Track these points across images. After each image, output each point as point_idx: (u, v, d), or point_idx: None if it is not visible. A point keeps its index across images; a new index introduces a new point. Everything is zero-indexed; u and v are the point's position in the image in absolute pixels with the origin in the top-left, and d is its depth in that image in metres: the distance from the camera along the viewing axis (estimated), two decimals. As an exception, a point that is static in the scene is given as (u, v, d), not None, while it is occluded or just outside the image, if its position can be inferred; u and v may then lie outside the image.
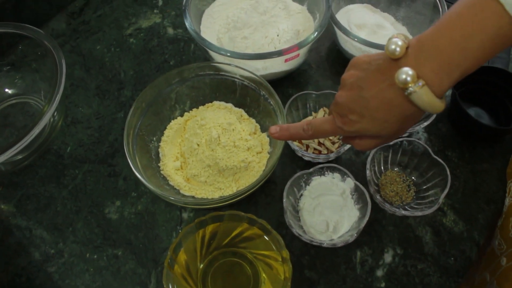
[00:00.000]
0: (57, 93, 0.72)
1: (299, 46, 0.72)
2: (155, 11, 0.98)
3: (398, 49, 0.47)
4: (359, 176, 0.75)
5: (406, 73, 0.46)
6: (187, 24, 0.77)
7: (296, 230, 0.65)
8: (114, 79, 0.88)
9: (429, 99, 0.47)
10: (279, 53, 0.71)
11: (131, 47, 0.92)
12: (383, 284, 0.69)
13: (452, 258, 0.71)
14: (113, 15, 0.97)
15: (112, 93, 0.87)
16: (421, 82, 0.46)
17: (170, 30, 0.95)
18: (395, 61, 0.48)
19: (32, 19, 0.92)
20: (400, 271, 0.70)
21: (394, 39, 0.47)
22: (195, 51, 0.91)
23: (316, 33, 0.74)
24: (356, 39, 0.77)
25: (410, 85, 0.46)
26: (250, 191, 0.65)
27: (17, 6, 0.88)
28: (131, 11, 0.98)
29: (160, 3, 0.99)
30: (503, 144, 0.80)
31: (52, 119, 0.79)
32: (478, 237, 0.73)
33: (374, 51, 0.80)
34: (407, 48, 0.47)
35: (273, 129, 0.62)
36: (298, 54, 0.75)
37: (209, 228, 0.66)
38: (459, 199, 0.75)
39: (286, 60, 0.75)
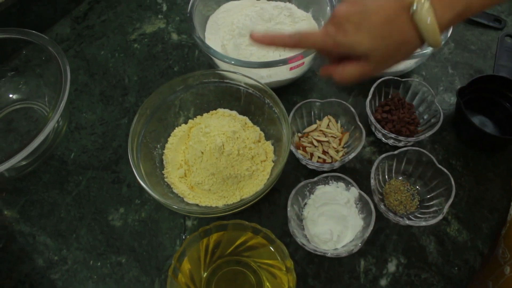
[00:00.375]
0: (61, 100, 0.72)
1: (304, 54, 0.72)
2: (159, 16, 0.98)
3: None
4: (363, 184, 0.75)
5: None
6: (191, 31, 0.77)
7: (300, 240, 0.65)
8: (118, 85, 0.88)
9: (431, 22, 0.48)
10: (284, 62, 0.71)
11: (135, 53, 0.92)
12: (386, 294, 0.69)
13: (456, 268, 0.71)
14: (118, 20, 0.97)
15: (116, 99, 0.87)
16: (428, 1, 0.48)
17: (175, 36, 0.95)
18: None
19: (37, 24, 0.92)
20: (404, 281, 0.70)
21: None
22: (199, 57, 0.91)
23: (321, 41, 0.74)
24: (361, 47, 0.77)
25: (417, 1, 0.48)
26: (255, 201, 0.65)
27: (22, 11, 0.88)
28: (136, 16, 0.98)
29: (165, 8, 0.99)
30: (507, 152, 0.80)
31: (56, 125, 0.79)
32: (482, 247, 0.73)
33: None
34: None
35: (255, 32, 0.58)
36: (303, 62, 0.75)
37: (213, 237, 0.66)
38: (463, 208, 0.75)
39: (291, 68, 0.75)
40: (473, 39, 0.94)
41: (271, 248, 0.65)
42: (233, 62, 0.73)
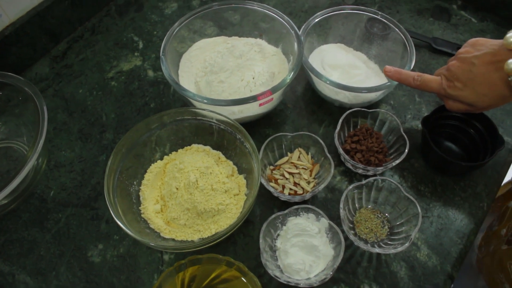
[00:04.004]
0: (39, 138, 0.75)
1: (272, 91, 0.75)
2: (135, 54, 1.01)
3: None
4: (335, 214, 0.77)
5: None
6: (165, 73, 0.79)
7: (272, 272, 0.67)
8: (96, 123, 0.91)
9: None
10: (253, 98, 0.74)
11: (113, 90, 0.95)
12: (359, 321, 0.70)
13: (427, 292, 0.73)
14: (95, 58, 1.00)
15: (95, 136, 0.89)
16: None
17: (151, 73, 0.98)
18: (509, 51, 0.60)
19: (17, 64, 0.95)
20: (376, 307, 0.72)
21: None
22: (174, 93, 0.94)
23: (288, 78, 0.77)
24: (328, 82, 0.80)
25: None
26: (228, 234, 0.67)
27: (1, 52, 0.91)
28: (113, 54, 1.01)
29: (141, 46, 1.02)
30: (474, 177, 0.83)
31: (35, 163, 0.81)
32: (451, 271, 0.75)
33: (347, 92, 0.83)
34: None
35: (388, 68, 0.78)
36: (272, 98, 0.78)
37: (189, 271, 0.68)
38: (432, 233, 0.78)
39: (260, 104, 0.77)
40: (438, 67, 0.97)
41: (244, 280, 0.67)
42: (205, 101, 0.76)
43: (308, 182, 0.78)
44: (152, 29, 1.05)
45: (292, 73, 0.78)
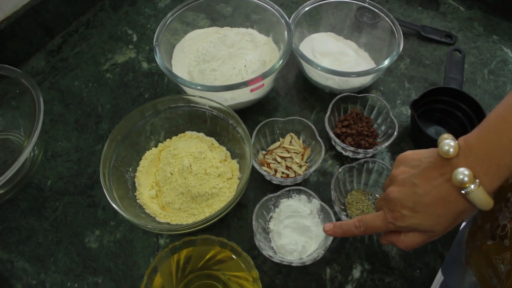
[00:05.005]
0: (35, 129, 0.76)
1: (263, 76, 0.76)
2: (130, 46, 1.02)
3: (451, 150, 0.51)
4: (327, 196, 0.79)
5: (463, 173, 0.49)
6: (158, 61, 0.81)
7: (266, 252, 0.68)
8: (92, 113, 0.92)
9: (484, 197, 0.50)
10: (244, 84, 0.76)
11: (108, 82, 0.97)
12: (352, 299, 0.72)
13: (418, 271, 0.74)
14: (90, 51, 1.02)
15: (90, 126, 0.91)
16: (477, 182, 0.49)
17: (145, 65, 0.99)
18: (447, 160, 0.52)
19: (13, 58, 0.96)
20: (368, 285, 0.73)
21: (447, 141, 0.51)
22: (168, 83, 0.96)
23: (278, 64, 0.79)
24: (318, 68, 0.82)
25: (467, 184, 0.49)
26: (221, 216, 0.69)
27: (-2, 47, 0.93)
28: (107, 47, 1.02)
29: (135, 38, 1.04)
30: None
31: (32, 154, 0.83)
32: (442, 249, 0.76)
33: (336, 78, 0.85)
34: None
35: (327, 226, 0.66)
36: (263, 84, 0.79)
37: (184, 253, 0.70)
38: (422, 214, 0.79)
39: (252, 90, 0.79)
40: (427, 55, 1.00)
41: (238, 260, 0.68)
42: (199, 87, 0.77)
43: (300, 166, 0.80)
44: (146, 23, 1.07)
45: (282, 59, 0.79)
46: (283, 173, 0.79)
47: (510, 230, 0.80)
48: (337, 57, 0.91)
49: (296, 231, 0.73)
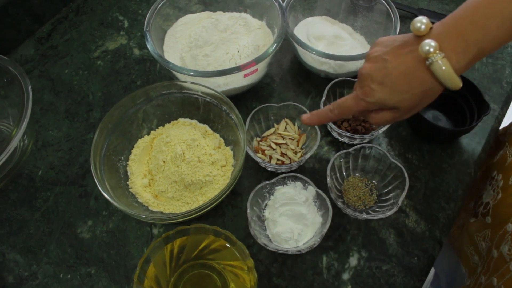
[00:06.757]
0: (24, 117, 0.74)
1: (256, 61, 0.75)
2: (121, 33, 1.00)
3: (423, 26, 0.53)
4: (322, 183, 0.77)
5: (428, 44, 0.51)
6: (149, 47, 0.79)
7: (261, 240, 0.67)
8: (83, 102, 0.90)
9: (448, 70, 0.52)
10: (237, 69, 0.74)
11: (99, 69, 0.95)
12: (349, 287, 0.71)
13: (416, 258, 0.73)
14: (81, 38, 1.00)
15: (82, 115, 0.89)
16: (442, 54, 0.51)
17: (136, 51, 0.97)
18: (419, 37, 0.54)
19: (1, 46, 0.94)
20: (365, 273, 0.72)
21: (419, 18, 0.53)
22: (160, 70, 0.94)
23: (272, 49, 0.77)
24: (313, 52, 0.80)
25: (431, 55, 0.52)
26: (215, 204, 0.67)
27: (-16, 35, 0.90)
28: (98, 34, 1.00)
29: (126, 25, 1.02)
30: (461, 144, 0.84)
31: (22, 143, 0.81)
32: (440, 236, 0.75)
33: (332, 62, 0.83)
34: (430, 28, 0.53)
35: (304, 116, 0.69)
36: (257, 69, 0.78)
37: (177, 242, 0.68)
38: (420, 200, 0.78)
39: (245, 75, 0.77)
40: (425, 38, 0.98)
41: (232, 249, 0.67)
42: (191, 73, 0.76)
43: (295, 152, 0.78)
44: (137, 8, 1.05)
45: (276, 44, 0.78)
46: (278, 159, 0.77)
47: (492, 208, 0.79)
48: (333, 41, 0.89)
49: (292, 219, 0.72)
